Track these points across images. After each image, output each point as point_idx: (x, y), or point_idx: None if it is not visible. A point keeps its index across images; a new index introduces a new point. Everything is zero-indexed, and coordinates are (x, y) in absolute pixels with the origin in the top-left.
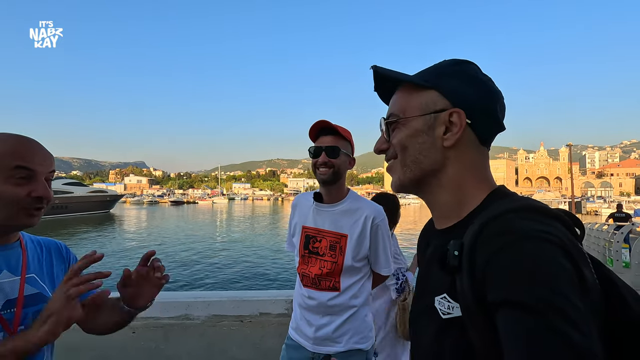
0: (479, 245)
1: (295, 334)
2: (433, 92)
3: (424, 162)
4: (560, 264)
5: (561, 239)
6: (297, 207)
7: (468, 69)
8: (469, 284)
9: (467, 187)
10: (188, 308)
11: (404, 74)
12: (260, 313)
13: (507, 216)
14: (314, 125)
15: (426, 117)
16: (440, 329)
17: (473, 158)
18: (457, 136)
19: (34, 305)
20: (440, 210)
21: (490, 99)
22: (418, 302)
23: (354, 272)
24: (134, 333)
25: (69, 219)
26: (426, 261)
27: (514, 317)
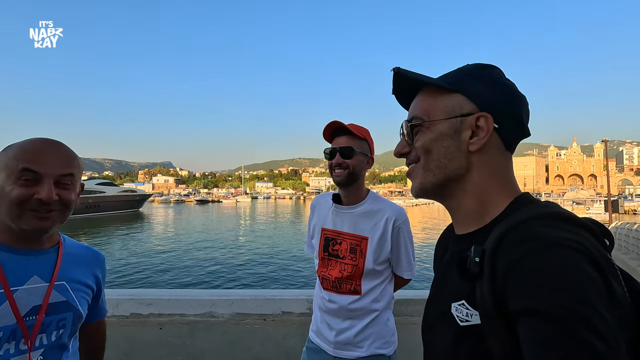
0: (500, 252)
1: (316, 337)
2: (459, 96)
3: (448, 166)
4: (586, 271)
5: (587, 248)
6: (316, 209)
7: (493, 74)
8: (490, 291)
9: (491, 193)
10: (212, 306)
11: (428, 77)
12: (283, 312)
13: (531, 223)
14: (327, 127)
15: (452, 121)
16: (458, 337)
17: (498, 163)
18: (483, 141)
19: (58, 314)
20: (462, 216)
21: (516, 104)
22: (432, 307)
23: (375, 275)
24: (161, 329)
25: (101, 217)
26: (443, 266)
27: (536, 325)
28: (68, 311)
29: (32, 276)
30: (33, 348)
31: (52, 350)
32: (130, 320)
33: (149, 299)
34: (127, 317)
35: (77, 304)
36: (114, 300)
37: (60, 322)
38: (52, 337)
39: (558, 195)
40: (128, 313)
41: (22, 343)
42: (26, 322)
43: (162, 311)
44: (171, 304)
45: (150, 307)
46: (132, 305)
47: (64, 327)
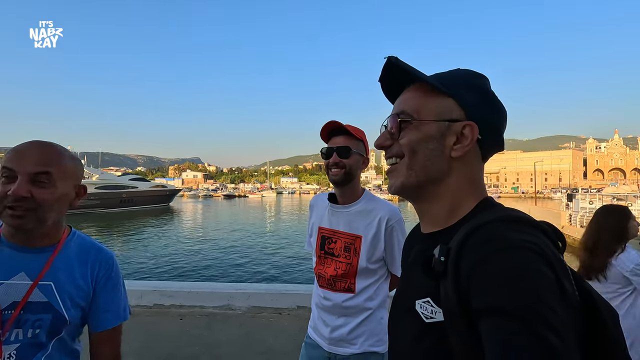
0: (465, 252)
1: (313, 333)
2: (450, 100)
3: (430, 169)
4: (543, 272)
5: (544, 250)
6: (314, 208)
7: (485, 85)
8: (454, 289)
9: (462, 198)
10: (230, 299)
11: (424, 74)
12: (298, 307)
13: (494, 225)
14: (325, 127)
15: (440, 124)
16: (421, 333)
17: (473, 171)
18: (466, 149)
19: (36, 314)
20: (431, 217)
21: (501, 118)
22: (398, 304)
23: (370, 273)
24: (181, 320)
25: (135, 211)
26: (409, 264)
27: (497, 323)
28: (47, 312)
29: (19, 272)
30: (7, 342)
31: (27, 347)
32: (154, 310)
33: (171, 291)
34: (151, 307)
35: (61, 307)
36: (139, 292)
37: (36, 322)
38: (28, 334)
39: (597, 190)
40: (151, 304)
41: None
42: (3, 316)
43: (183, 303)
44: (191, 296)
45: (171, 298)
46: (155, 297)
47: (40, 327)
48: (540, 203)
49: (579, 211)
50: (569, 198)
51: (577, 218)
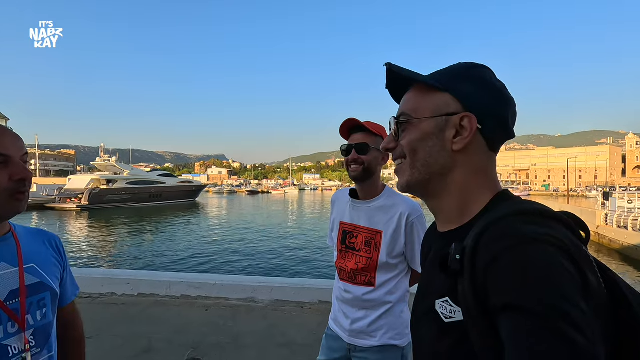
0: (480, 249)
1: (334, 325)
2: (446, 95)
3: (433, 165)
4: (563, 266)
5: (564, 242)
6: (335, 203)
7: (483, 74)
8: (471, 288)
9: (472, 191)
10: (254, 292)
11: (418, 74)
12: (320, 301)
13: (509, 219)
14: (344, 124)
15: (438, 120)
16: (442, 333)
17: (480, 163)
18: (466, 141)
19: (37, 294)
20: (444, 214)
21: (503, 106)
22: (419, 304)
23: (390, 268)
24: (207, 310)
25: (163, 206)
26: (428, 264)
27: (516, 321)
28: (45, 291)
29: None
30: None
31: (41, 329)
32: (181, 300)
33: (197, 283)
34: (178, 298)
35: (51, 282)
36: (167, 282)
37: (40, 302)
38: (38, 317)
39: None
40: (179, 294)
41: (10, 326)
42: (10, 306)
43: (209, 294)
44: (216, 288)
45: (198, 290)
46: (182, 288)
47: (45, 306)
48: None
49: (616, 210)
50: (605, 196)
51: (613, 218)
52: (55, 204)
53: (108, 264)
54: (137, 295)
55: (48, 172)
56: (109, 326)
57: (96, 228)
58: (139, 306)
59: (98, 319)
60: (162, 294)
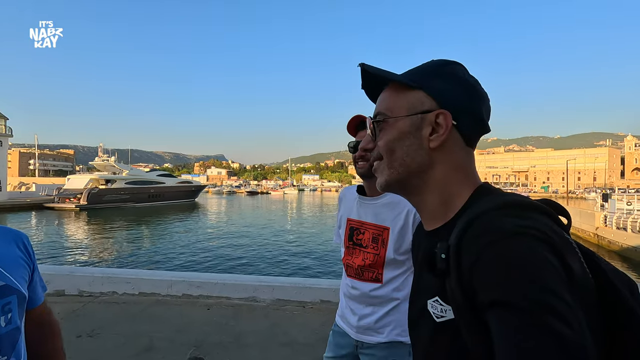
0: (464, 247)
1: (341, 321)
2: (420, 93)
3: (411, 164)
4: (546, 258)
5: (545, 232)
6: (342, 200)
7: (455, 70)
8: (458, 286)
9: (453, 187)
10: (255, 291)
11: (391, 73)
12: (322, 300)
13: (490, 214)
14: (351, 121)
15: (413, 118)
16: (435, 333)
17: (459, 159)
18: (442, 137)
19: (1, 299)
20: (427, 212)
21: (476, 101)
22: (413, 304)
23: (397, 265)
24: (209, 309)
25: (162, 206)
26: (419, 263)
27: (503, 317)
28: (11, 294)
29: None
30: None
31: (6, 335)
32: (182, 300)
33: (199, 282)
34: (180, 297)
35: (18, 285)
36: (168, 282)
37: (5, 306)
38: (2, 322)
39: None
40: (180, 294)
41: None
42: None
43: (210, 293)
44: (218, 287)
45: (199, 289)
46: (184, 287)
47: (11, 310)
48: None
49: (615, 212)
50: (604, 198)
51: (612, 219)
52: (54, 203)
53: (108, 264)
54: (138, 294)
55: (47, 171)
56: (110, 325)
57: (95, 228)
58: (140, 305)
59: (99, 317)
60: (163, 293)
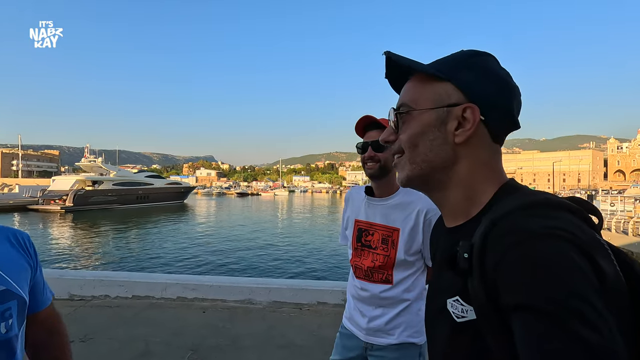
0: (488, 247)
1: (349, 323)
2: (447, 84)
3: (434, 160)
4: (573, 260)
5: (573, 233)
6: (349, 201)
7: (486, 62)
8: (481, 287)
9: (477, 184)
10: (251, 293)
11: (418, 63)
12: (318, 302)
13: (515, 213)
14: (359, 122)
15: (439, 111)
16: (455, 332)
17: (484, 155)
18: (469, 132)
19: (3, 304)
20: (450, 208)
21: (507, 95)
22: (431, 303)
23: (407, 265)
24: (204, 312)
25: (150, 207)
26: (438, 260)
27: (528, 321)
28: (11, 299)
29: None
30: None
31: (4, 343)
32: (177, 302)
33: (194, 285)
34: (174, 300)
35: (19, 289)
36: (162, 284)
37: (5, 312)
38: (2, 330)
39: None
40: (175, 296)
41: None
42: None
43: (205, 296)
44: (213, 289)
45: (194, 291)
46: (178, 290)
47: (11, 316)
48: None
49: None
50: (588, 199)
51: None
52: (38, 205)
53: (99, 266)
54: (131, 297)
55: (31, 172)
56: (104, 329)
57: (82, 230)
58: (134, 309)
59: (92, 322)
60: (157, 296)
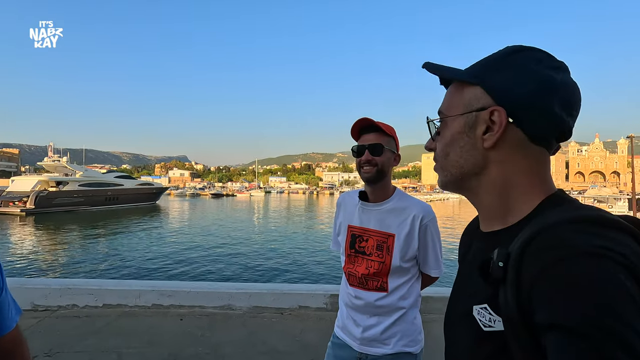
0: (526, 259)
1: (342, 332)
2: (477, 89)
3: (464, 165)
4: (622, 284)
5: (624, 254)
6: (342, 206)
7: (525, 59)
8: (514, 299)
9: (516, 191)
10: (231, 299)
11: (451, 70)
12: (300, 306)
13: (561, 227)
14: (356, 124)
15: (468, 116)
16: (479, 340)
17: (522, 160)
18: (496, 136)
19: None
20: (485, 211)
21: (546, 94)
22: (455, 306)
23: (402, 272)
24: (181, 320)
25: (119, 209)
26: (467, 264)
27: (564, 343)
28: None
29: None
30: None
31: None
32: (152, 310)
33: (170, 291)
34: (149, 307)
35: None
36: (136, 292)
37: None
38: None
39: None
40: (150, 304)
41: None
42: None
43: (182, 303)
44: (191, 296)
45: (170, 298)
46: (153, 297)
47: None
48: None
49: None
50: None
51: None
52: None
53: (65, 274)
54: (102, 306)
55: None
56: (72, 342)
57: (45, 234)
58: (105, 318)
59: (59, 334)
60: (130, 304)
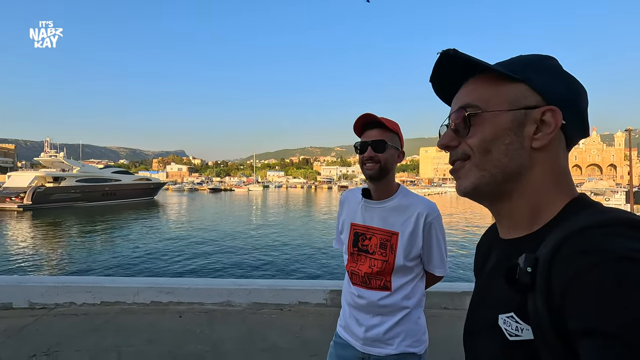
0: (557, 264)
1: (345, 332)
2: (522, 86)
3: (508, 165)
4: None
5: None
6: (344, 204)
7: (556, 65)
8: (545, 306)
9: (547, 195)
10: (230, 295)
11: (487, 63)
12: (300, 302)
13: (594, 231)
14: (359, 120)
15: (516, 113)
16: (505, 351)
17: (560, 163)
18: (550, 136)
19: None
20: (511, 219)
21: (581, 99)
22: (477, 314)
23: (406, 271)
24: (180, 317)
25: (117, 204)
26: (488, 271)
27: (600, 349)
28: None
29: None
30: None
31: None
32: (151, 308)
33: (169, 288)
34: (148, 304)
35: None
36: (134, 289)
37: None
38: None
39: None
40: (148, 301)
41: None
42: None
43: (181, 300)
44: (190, 292)
45: (169, 295)
46: (152, 294)
47: None
48: None
49: None
50: None
51: None
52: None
53: (62, 271)
54: (100, 303)
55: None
56: (70, 340)
57: (43, 230)
58: (103, 316)
59: (56, 332)
60: (129, 302)
